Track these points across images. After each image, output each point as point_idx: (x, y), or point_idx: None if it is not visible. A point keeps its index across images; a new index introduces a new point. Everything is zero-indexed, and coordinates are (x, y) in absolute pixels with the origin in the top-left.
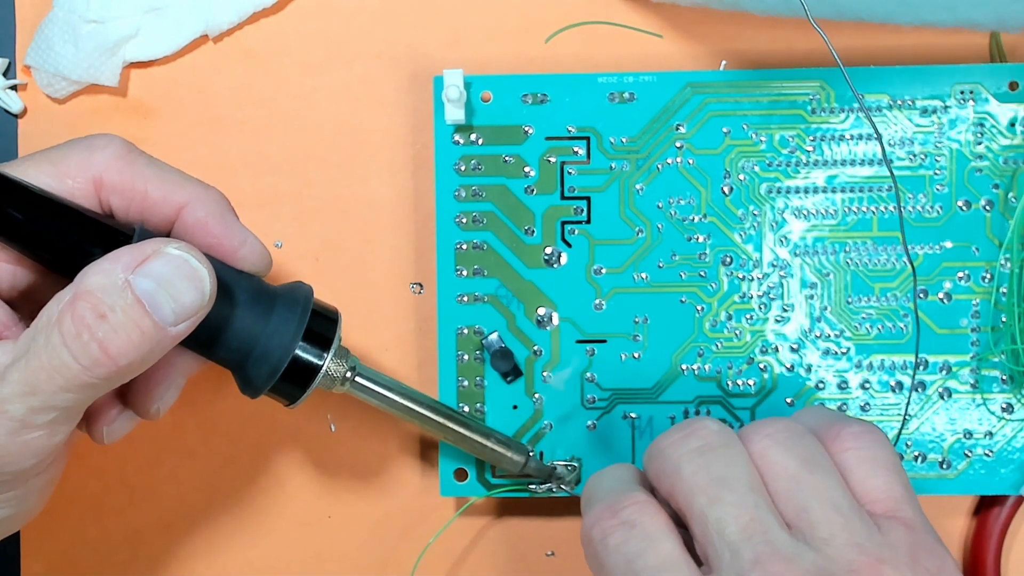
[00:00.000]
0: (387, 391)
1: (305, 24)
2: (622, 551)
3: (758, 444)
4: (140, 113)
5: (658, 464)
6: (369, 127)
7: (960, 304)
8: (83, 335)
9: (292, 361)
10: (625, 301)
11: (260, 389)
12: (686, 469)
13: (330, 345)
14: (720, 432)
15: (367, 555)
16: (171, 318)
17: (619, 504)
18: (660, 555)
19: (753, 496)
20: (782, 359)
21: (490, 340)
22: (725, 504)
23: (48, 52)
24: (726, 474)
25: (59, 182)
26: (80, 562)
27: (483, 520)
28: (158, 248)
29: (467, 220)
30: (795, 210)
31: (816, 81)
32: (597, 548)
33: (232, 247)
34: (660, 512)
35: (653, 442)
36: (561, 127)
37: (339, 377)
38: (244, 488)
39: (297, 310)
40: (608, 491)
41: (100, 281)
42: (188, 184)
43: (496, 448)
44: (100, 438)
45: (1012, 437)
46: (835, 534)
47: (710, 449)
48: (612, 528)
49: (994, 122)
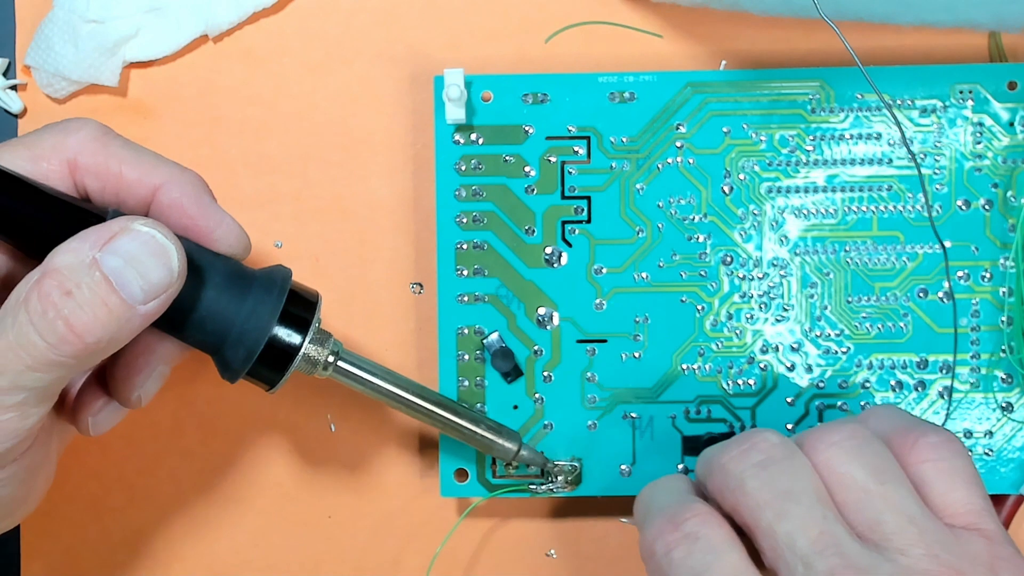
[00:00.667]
0: (371, 376)
1: (305, 24)
2: (688, 565)
3: (823, 454)
4: (140, 113)
5: (720, 480)
6: (369, 127)
7: (960, 303)
8: (48, 312)
9: (269, 343)
10: (625, 301)
11: (238, 372)
12: (750, 484)
13: (308, 327)
14: (781, 444)
15: (367, 555)
16: (140, 296)
17: (680, 516)
18: (727, 568)
19: (821, 508)
20: (782, 358)
21: (490, 340)
22: (793, 518)
23: (48, 52)
24: (791, 487)
25: (34, 165)
26: (80, 562)
27: (483, 520)
28: (126, 225)
29: (467, 220)
30: (795, 209)
31: (816, 81)
32: (661, 562)
33: (207, 228)
34: (723, 523)
35: (710, 455)
36: (561, 127)
37: (320, 361)
38: (243, 488)
39: (274, 292)
40: (666, 503)
41: (67, 259)
42: (164, 166)
43: (486, 435)
44: (86, 429)
45: (1012, 436)
46: (911, 544)
47: (773, 462)
48: (675, 542)
49: (993, 122)
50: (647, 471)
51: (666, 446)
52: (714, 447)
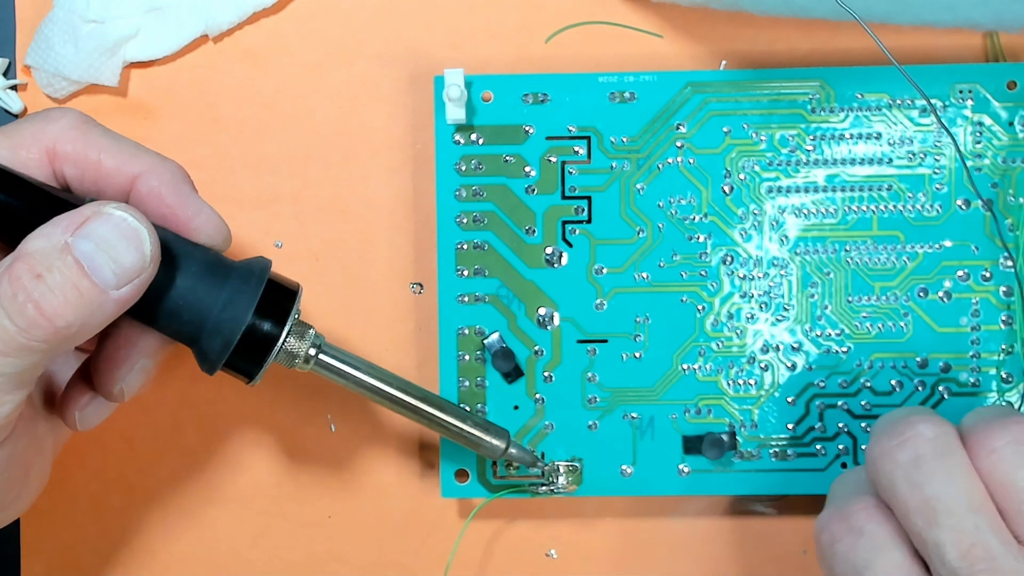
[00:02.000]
0: (354, 370)
1: (305, 24)
2: (850, 560)
3: (984, 460)
4: (140, 113)
5: (873, 475)
6: (369, 127)
7: (960, 303)
8: (19, 296)
9: (246, 334)
10: (626, 301)
11: (215, 364)
12: (901, 487)
13: (287, 318)
14: (935, 439)
15: (367, 555)
16: (112, 280)
17: (848, 509)
18: (889, 566)
19: (974, 518)
20: (782, 358)
21: (491, 340)
22: (943, 529)
23: (48, 52)
24: (943, 493)
25: (13, 154)
26: (80, 562)
27: (483, 520)
28: (98, 210)
29: (468, 220)
30: (795, 209)
31: (816, 81)
32: (825, 553)
33: (186, 218)
34: (890, 519)
35: (869, 445)
36: (562, 127)
37: (301, 354)
38: (244, 488)
39: (252, 282)
40: (843, 494)
41: (39, 244)
42: (143, 155)
43: (473, 432)
44: (73, 423)
45: None
46: None
47: (925, 462)
48: (840, 534)
49: (993, 122)
50: (647, 471)
51: (666, 446)
52: (878, 424)
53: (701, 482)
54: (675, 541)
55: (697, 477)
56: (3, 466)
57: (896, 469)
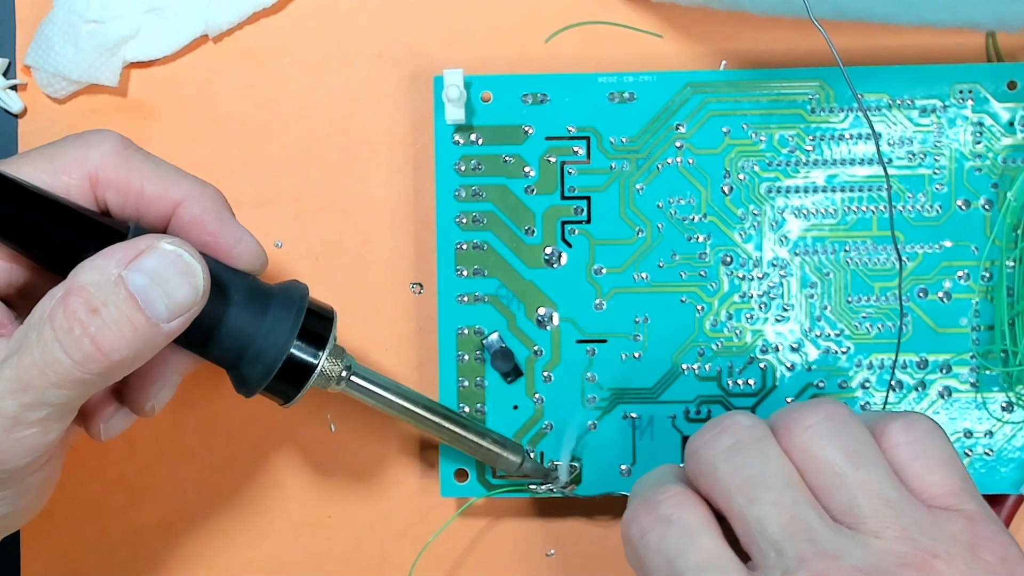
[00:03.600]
0: (383, 391)
1: (305, 24)
2: (662, 550)
3: (798, 437)
4: (140, 113)
5: (694, 465)
6: (369, 127)
7: (960, 303)
8: (75, 330)
9: (287, 360)
10: (625, 301)
11: (255, 388)
12: (721, 470)
13: (325, 344)
14: (752, 427)
15: (367, 555)
16: (164, 314)
17: (656, 498)
18: (702, 553)
19: (792, 493)
20: (782, 358)
21: (490, 340)
22: (763, 504)
23: (48, 52)
24: (761, 472)
25: (54, 179)
26: (80, 562)
27: (483, 520)
28: (151, 244)
29: (467, 220)
30: (795, 209)
31: (816, 81)
32: (636, 547)
33: (228, 245)
34: (698, 504)
35: (689, 440)
36: (561, 127)
37: (335, 377)
38: (244, 488)
39: (292, 309)
40: (648, 488)
41: (93, 277)
42: (184, 181)
43: (492, 448)
44: (97, 435)
45: (1012, 436)
46: (885, 527)
47: (743, 447)
48: (650, 525)
49: (993, 121)
50: (647, 471)
51: (666, 446)
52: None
53: None
54: None
55: None
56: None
57: (718, 454)
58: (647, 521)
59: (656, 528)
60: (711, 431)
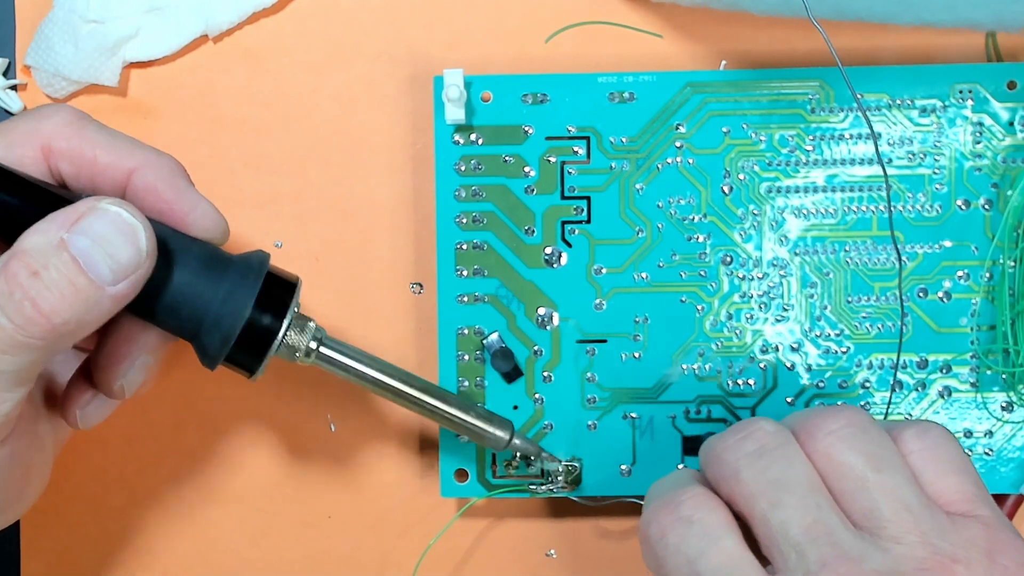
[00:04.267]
0: (355, 362)
1: (305, 24)
2: (682, 550)
3: (820, 442)
4: (140, 113)
5: (716, 469)
6: (369, 127)
7: (960, 303)
8: (15, 293)
9: (246, 328)
10: (625, 301)
11: (216, 359)
12: (745, 473)
13: (286, 310)
14: (775, 432)
15: (367, 555)
16: (108, 276)
17: (676, 499)
18: (723, 554)
19: (814, 497)
20: (782, 358)
21: (490, 340)
22: (786, 507)
23: (48, 52)
24: (785, 476)
25: (8, 151)
26: (80, 562)
27: (483, 520)
28: (93, 205)
29: (467, 220)
30: (795, 209)
31: (816, 81)
32: (655, 547)
33: (183, 212)
34: (720, 506)
35: (708, 445)
36: (561, 127)
37: (302, 347)
38: (244, 488)
39: (251, 276)
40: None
41: (36, 241)
42: (139, 150)
43: (477, 423)
44: (75, 422)
45: (1012, 436)
46: (905, 532)
47: (767, 451)
48: (671, 525)
49: (993, 121)
50: (647, 471)
51: (666, 446)
52: (714, 436)
53: None
54: None
55: None
56: (4, 465)
57: (741, 458)
58: (668, 521)
59: (677, 528)
60: (734, 436)
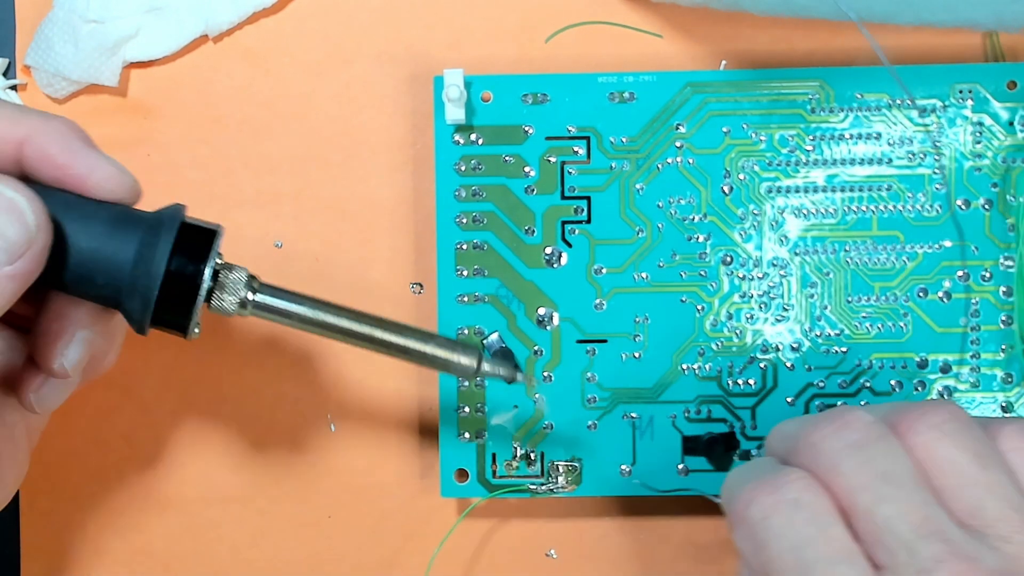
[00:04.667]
0: (297, 306)
1: (305, 24)
2: (788, 536)
3: (922, 436)
4: (140, 113)
5: (810, 458)
6: (369, 127)
7: (960, 303)
8: None
9: (164, 287)
10: (625, 301)
11: (142, 322)
12: (846, 465)
13: (206, 260)
14: (876, 424)
15: (367, 555)
16: (2, 257)
17: (780, 480)
18: (833, 544)
19: (921, 493)
20: (782, 358)
21: (490, 340)
22: (894, 501)
23: (48, 52)
24: (890, 470)
25: None
26: (80, 562)
27: (483, 520)
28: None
29: (467, 220)
30: (795, 209)
31: (816, 81)
32: (756, 529)
33: (80, 175)
34: (825, 492)
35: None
36: (561, 127)
37: (234, 298)
38: (244, 488)
39: (162, 231)
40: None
41: None
42: (26, 118)
43: (439, 353)
44: (31, 406)
45: None
46: (1015, 532)
47: (869, 443)
48: (775, 506)
49: (993, 121)
50: (647, 471)
51: (666, 446)
52: (793, 422)
53: (701, 482)
54: (675, 541)
55: (696, 477)
56: None
57: (842, 448)
58: (770, 502)
59: (783, 510)
60: (831, 424)
